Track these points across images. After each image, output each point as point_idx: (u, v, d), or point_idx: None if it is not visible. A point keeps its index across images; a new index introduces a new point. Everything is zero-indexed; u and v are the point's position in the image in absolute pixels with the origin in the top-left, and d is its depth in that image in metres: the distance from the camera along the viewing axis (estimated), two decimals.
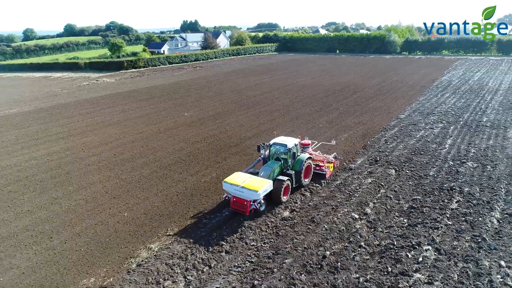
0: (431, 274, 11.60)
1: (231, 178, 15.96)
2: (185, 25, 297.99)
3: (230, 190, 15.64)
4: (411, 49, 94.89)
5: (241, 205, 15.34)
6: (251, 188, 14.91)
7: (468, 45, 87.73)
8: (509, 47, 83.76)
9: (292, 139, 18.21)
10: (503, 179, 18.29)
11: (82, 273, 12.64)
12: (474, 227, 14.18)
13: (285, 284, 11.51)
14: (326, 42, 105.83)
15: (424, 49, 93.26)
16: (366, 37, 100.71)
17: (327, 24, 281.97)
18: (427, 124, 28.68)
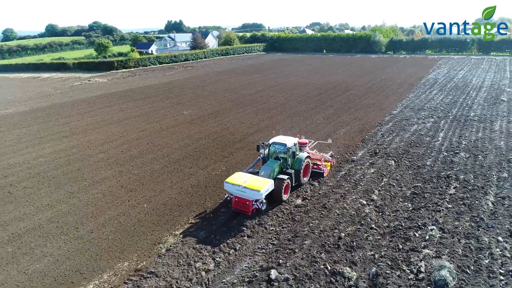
0: (438, 250, 12.86)
1: (232, 178, 15.95)
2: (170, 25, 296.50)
3: (232, 190, 15.65)
4: (396, 48, 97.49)
5: (243, 205, 15.39)
6: (253, 188, 14.99)
7: (450, 45, 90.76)
8: (489, 47, 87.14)
9: (291, 138, 18.44)
10: (494, 167, 19.84)
11: (114, 258, 13.40)
12: (472, 209, 15.56)
13: (308, 262, 12.58)
14: (313, 42, 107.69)
15: (408, 49, 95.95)
16: (352, 37, 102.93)
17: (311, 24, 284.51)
18: (419, 119, 30.26)
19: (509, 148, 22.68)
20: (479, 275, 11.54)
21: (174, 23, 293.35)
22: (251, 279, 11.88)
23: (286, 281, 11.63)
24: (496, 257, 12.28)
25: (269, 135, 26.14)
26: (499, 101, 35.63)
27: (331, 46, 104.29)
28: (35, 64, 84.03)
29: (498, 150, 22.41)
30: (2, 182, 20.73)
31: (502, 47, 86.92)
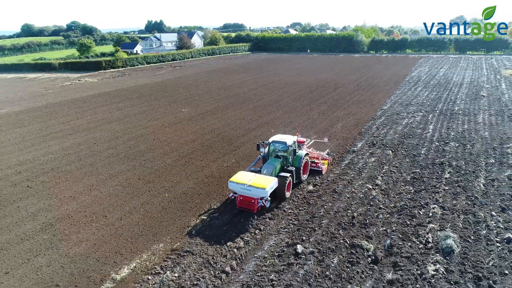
0: (441, 224, 14.53)
1: (236, 177, 16.09)
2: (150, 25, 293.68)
3: (237, 189, 15.82)
4: (378, 48, 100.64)
5: (249, 203, 15.58)
6: (259, 186, 15.21)
7: (429, 44, 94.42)
8: (465, 46, 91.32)
9: (290, 136, 18.81)
10: (481, 154, 21.85)
11: (149, 241, 14.46)
12: (466, 190, 17.38)
13: (328, 238, 14.01)
14: (297, 42, 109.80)
15: (389, 48, 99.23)
16: (335, 37, 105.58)
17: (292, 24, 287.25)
18: (409, 113, 32.28)
19: (493, 137, 24.81)
20: (479, 243, 13.24)
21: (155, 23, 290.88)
22: (280, 253, 13.21)
23: (312, 253, 13.01)
24: (492, 228, 14.04)
25: (269, 130, 27.56)
26: (480, 97, 38.16)
27: (315, 45, 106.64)
28: (17, 65, 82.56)
29: (483, 139, 24.50)
30: (18, 177, 21.27)
31: (477, 47, 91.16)
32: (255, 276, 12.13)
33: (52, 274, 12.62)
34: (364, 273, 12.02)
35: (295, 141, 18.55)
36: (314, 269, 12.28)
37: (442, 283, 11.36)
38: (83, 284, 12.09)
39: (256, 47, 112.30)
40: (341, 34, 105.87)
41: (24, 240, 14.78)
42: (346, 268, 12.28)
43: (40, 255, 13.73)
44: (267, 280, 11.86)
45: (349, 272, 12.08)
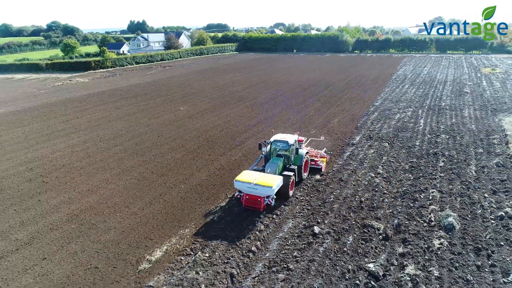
0: (441, 205, 16.06)
1: (241, 176, 16.24)
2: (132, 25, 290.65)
3: (243, 188, 15.98)
4: (362, 48, 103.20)
5: (255, 202, 15.81)
6: (265, 184, 15.41)
7: (411, 44, 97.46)
8: (446, 46, 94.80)
9: (291, 135, 19.07)
10: (470, 144, 23.66)
11: (174, 227, 15.45)
12: (460, 176, 19.02)
13: (341, 220, 15.33)
14: (283, 42, 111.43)
15: (373, 48, 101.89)
16: (321, 37, 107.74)
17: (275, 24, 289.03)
18: (400, 109, 34.07)
19: (479, 130, 26.73)
20: (476, 220, 14.81)
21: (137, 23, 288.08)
22: (299, 234, 14.45)
23: (328, 233, 14.29)
24: (486, 208, 15.65)
25: (269, 126, 28.78)
26: (463, 93, 40.40)
27: (301, 45, 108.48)
28: (2, 65, 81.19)
29: (471, 132, 26.38)
30: (31, 174, 21.82)
31: (457, 47, 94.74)
32: (279, 254, 13.32)
33: (88, 258, 13.48)
34: (377, 248, 13.37)
35: (296, 140, 18.74)
36: (332, 246, 13.56)
37: (447, 254, 12.81)
38: (120, 266, 13.01)
39: (243, 47, 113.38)
40: (327, 34, 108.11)
41: (53, 230, 15.53)
42: (361, 245, 13.61)
43: (72, 242, 14.54)
44: (291, 256, 13.07)
45: (364, 248, 13.42)
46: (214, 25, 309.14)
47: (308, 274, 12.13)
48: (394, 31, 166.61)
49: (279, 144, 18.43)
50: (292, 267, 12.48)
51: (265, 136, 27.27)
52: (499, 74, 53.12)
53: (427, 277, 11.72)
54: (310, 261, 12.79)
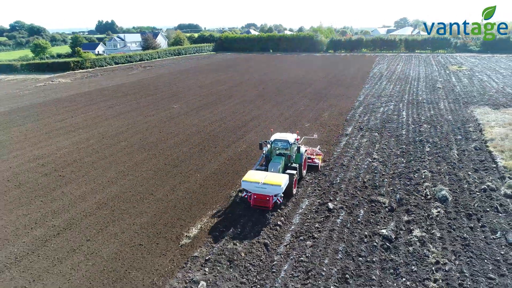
0: (433, 182, 18.48)
1: (248, 177, 16.41)
2: (101, 25, 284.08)
3: (251, 188, 16.17)
4: (336, 47, 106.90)
5: (264, 201, 15.98)
6: (274, 183, 15.69)
7: (382, 44, 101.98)
8: (414, 46, 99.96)
9: (290, 134, 19.55)
10: (450, 132, 26.51)
11: (202, 209, 16.94)
12: (445, 159, 21.63)
13: (350, 197, 17.41)
14: (260, 42, 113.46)
15: (346, 48, 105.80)
16: (297, 37, 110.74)
17: (246, 25, 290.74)
18: (382, 103, 36.85)
19: (456, 120, 29.76)
20: (464, 193, 17.30)
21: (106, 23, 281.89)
22: (316, 210, 16.38)
23: (342, 208, 16.32)
24: (471, 183, 18.22)
25: (264, 122, 30.67)
26: (437, 88, 43.89)
27: (277, 45, 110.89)
28: None
29: (448, 121, 29.36)
30: (45, 169, 22.54)
31: (424, 46, 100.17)
32: (303, 226, 15.19)
33: (130, 238, 14.80)
34: (386, 218, 15.52)
35: (296, 139, 19.27)
36: (347, 218, 15.59)
37: (444, 220, 15.14)
38: (162, 243, 14.43)
39: (220, 47, 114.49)
40: (302, 35, 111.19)
41: (87, 216, 16.65)
42: (372, 216, 15.72)
43: (109, 226, 15.77)
44: (314, 228, 14.97)
45: (375, 218, 15.53)
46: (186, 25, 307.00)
47: (331, 241, 14.07)
48: (363, 32, 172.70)
49: (280, 143, 18.82)
50: (317, 236, 14.38)
51: (263, 130, 29.13)
52: (465, 71, 57.54)
53: (431, 237, 13.95)
54: (331, 230, 14.73)
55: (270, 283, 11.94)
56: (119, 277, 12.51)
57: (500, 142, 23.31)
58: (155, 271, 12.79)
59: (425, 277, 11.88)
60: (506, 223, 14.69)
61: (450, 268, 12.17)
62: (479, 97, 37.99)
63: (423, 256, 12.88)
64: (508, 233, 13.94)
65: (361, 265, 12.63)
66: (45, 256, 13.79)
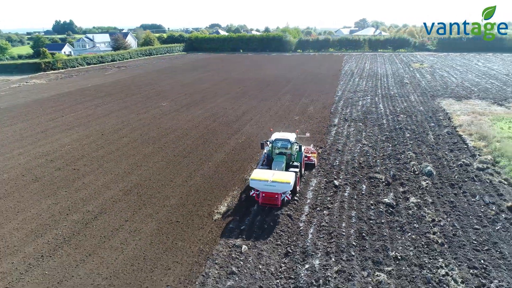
0: (418, 161, 21.49)
1: (256, 175, 16.67)
2: (59, 25, 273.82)
3: (259, 186, 16.39)
4: (304, 47, 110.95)
5: (273, 199, 16.24)
6: (283, 181, 16.04)
7: (348, 44, 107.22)
8: (377, 45, 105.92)
9: (290, 133, 20.10)
10: (424, 121, 30.00)
11: (223, 190, 18.82)
12: (424, 142, 24.84)
13: (350, 175, 19.99)
14: (230, 42, 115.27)
15: (314, 47, 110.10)
16: (266, 37, 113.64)
17: (211, 25, 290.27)
18: (359, 98, 40.15)
19: (427, 110, 33.42)
20: (445, 168, 20.41)
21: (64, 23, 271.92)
22: (325, 187, 18.80)
23: (346, 184, 18.86)
24: (449, 160, 21.41)
25: (255, 117, 32.80)
26: (404, 84, 48.03)
27: (247, 45, 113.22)
28: None
29: (421, 112, 32.96)
30: (55, 164, 23.32)
31: (386, 46, 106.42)
32: (317, 200, 17.54)
33: (165, 217, 16.46)
34: (385, 190, 18.21)
35: (295, 137, 19.85)
36: (352, 192, 18.13)
37: (432, 189, 18.06)
38: (196, 219, 16.23)
39: (190, 47, 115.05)
40: (271, 35, 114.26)
41: (117, 202, 18.05)
42: (373, 189, 18.36)
43: (142, 208, 17.30)
44: (326, 200, 17.36)
45: (376, 190, 18.19)
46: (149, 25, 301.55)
47: (344, 210, 16.52)
48: (327, 32, 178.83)
49: (281, 143, 19.22)
50: (330, 207, 16.78)
51: (257, 123, 31.27)
52: (427, 68, 62.74)
53: (425, 203, 16.77)
54: (341, 202, 17.20)
55: (302, 243, 14.15)
56: (168, 247, 14.21)
57: (467, 127, 26.95)
58: (198, 240, 14.61)
59: (425, 231, 14.58)
60: (481, 189, 17.84)
61: (444, 223, 14.97)
62: (443, 91, 42.29)
63: (421, 217, 15.62)
64: (484, 196, 17.05)
65: (372, 226, 15.15)
66: (91, 235, 15.17)
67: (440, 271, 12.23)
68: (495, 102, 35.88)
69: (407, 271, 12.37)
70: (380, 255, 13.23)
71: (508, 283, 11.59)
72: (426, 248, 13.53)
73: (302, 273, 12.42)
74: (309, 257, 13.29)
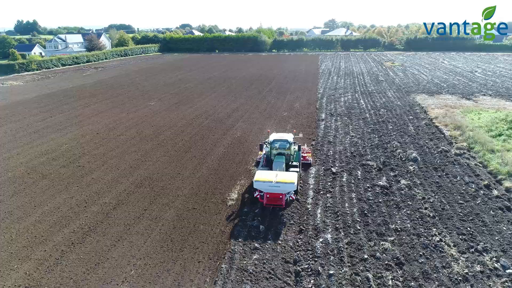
0: (403, 149, 23.73)
1: (259, 177, 16.72)
2: (21, 25, 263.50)
3: (264, 187, 16.36)
4: (279, 47, 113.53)
5: (277, 199, 16.31)
6: (287, 181, 16.19)
7: (321, 44, 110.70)
8: (349, 45, 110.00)
9: (287, 134, 20.55)
10: (403, 114, 32.56)
11: (230, 180, 20.13)
12: (406, 132, 27.21)
13: (345, 163, 21.89)
14: (206, 42, 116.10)
15: (289, 47, 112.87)
16: (242, 37, 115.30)
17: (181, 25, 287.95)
18: (341, 94, 42.48)
19: (404, 105, 36.12)
20: (428, 155, 22.74)
21: (27, 23, 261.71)
22: (324, 174, 20.58)
23: (342, 171, 20.74)
24: (430, 148, 23.79)
25: (245, 114, 34.28)
26: (380, 81, 51.00)
27: (223, 46, 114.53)
28: None
29: (399, 106, 35.60)
30: (59, 162, 23.79)
31: (357, 45, 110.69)
32: (319, 185, 19.28)
33: (182, 205, 17.65)
34: (377, 175, 20.23)
35: (293, 138, 20.21)
36: (349, 177, 20.02)
37: (419, 172, 20.26)
38: (212, 205, 17.54)
39: (166, 48, 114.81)
40: (247, 35, 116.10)
41: (131, 194, 19.02)
42: (367, 174, 20.33)
43: (158, 198, 18.38)
44: (327, 185, 19.14)
45: (370, 175, 20.17)
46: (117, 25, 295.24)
47: (344, 192, 18.36)
48: (299, 32, 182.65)
49: (280, 143, 19.47)
50: (332, 190, 18.57)
51: (249, 120, 32.74)
52: (399, 66, 66.44)
53: (414, 184, 18.90)
54: (341, 186, 19.04)
55: (312, 221, 15.83)
56: (191, 231, 15.47)
57: (442, 119, 29.65)
58: (218, 223, 15.96)
59: (418, 207, 16.64)
60: (461, 171, 20.22)
61: (433, 200, 17.10)
62: (416, 87, 45.43)
63: (413, 196, 17.70)
64: (464, 176, 19.40)
65: (372, 205, 17.05)
66: (115, 224, 16.16)
67: (434, 238, 14.22)
68: (463, 97, 39.17)
69: (407, 239, 14.29)
70: (382, 228, 15.10)
71: (492, 244, 13.73)
72: (421, 221, 15.53)
73: (318, 245, 14.06)
74: (321, 232, 14.97)
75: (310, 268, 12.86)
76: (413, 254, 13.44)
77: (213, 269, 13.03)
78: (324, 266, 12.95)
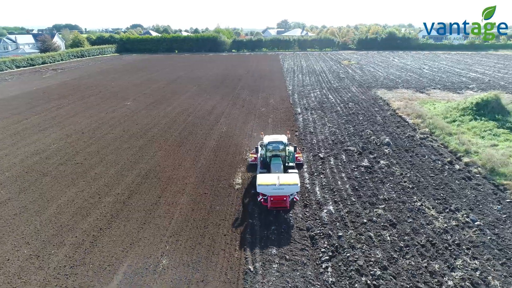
0: (377, 136, 26.96)
1: (262, 180, 16.63)
2: None
3: (267, 191, 16.31)
4: (239, 47, 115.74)
5: (281, 202, 16.36)
6: (290, 183, 16.24)
7: (279, 44, 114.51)
8: (305, 45, 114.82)
9: (281, 135, 20.78)
10: (369, 106, 36.15)
11: (231, 168, 21.97)
12: (375, 122, 30.59)
13: (329, 149, 24.62)
14: (164, 43, 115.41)
15: (248, 47, 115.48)
16: (201, 38, 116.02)
17: (132, 26, 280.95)
18: (310, 91, 45.59)
19: (368, 98, 39.86)
20: (398, 139, 26.13)
21: None
22: (313, 159, 23.11)
23: (329, 156, 23.41)
24: (398, 134, 27.26)
25: (225, 110, 36.15)
26: (342, 78, 54.98)
27: (182, 46, 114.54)
28: None
29: (364, 100, 39.28)
30: (55, 160, 24.14)
31: (314, 45, 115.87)
32: (311, 168, 21.77)
33: (193, 190, 19.29)
34: (359, 158, 23.15)
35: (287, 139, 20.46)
36: (336, 161, 22.74)
37: (393, 154, 23.46)
38: (221, 190, 19.35)
39: (123, 49, 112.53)
40: (206, 35, 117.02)
41: (140, 185, 20.27)
42: (350, 158, 23.18)
43: (167, 187, 19.84)
44: (319, 168, 21.68)
45: (353, 158, 23.02)
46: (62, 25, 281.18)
47: (335, 173, 21.00)
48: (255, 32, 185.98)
49: (275, 145, 19.58)
50: (324, 172, 21.15)
51: (230, 115, 34.57)
52: (355, 65, 71.34)
53: (391, 163, 22.00)
54: (330, 168, 21.68)
55: (314, 197, 18.24)
56: (209, 211, 17.22)
57: (404, 109, 33.53)
58: (231, 204, 17.86)
59: (399, 181, 19.68)
60: (427, 151, 23.71)
61: (410, 175, 20.24)
62: (375, 83, 49.76)
63: (392, 173, 20.75)
64: (431, 155, 22.87)
65: (360, 182, 19.82)
66: (135, 210, 17.48)
67: (416, 203, 17.22)
68: (417, 90, 43.85)
69: (395, 206, 17.15)
70: (373, 199, 17.86)
71: (461, 205, 16.97)
72: (403, 191, 18.52)
73: (324, 216, 16.48)
74: (323, 205, 17.42)
75: (322, 233, 15.21)
76: (402, 216, 16.27)
77: (239, 240, 14.94)
78: (333, 230, 15.38)
